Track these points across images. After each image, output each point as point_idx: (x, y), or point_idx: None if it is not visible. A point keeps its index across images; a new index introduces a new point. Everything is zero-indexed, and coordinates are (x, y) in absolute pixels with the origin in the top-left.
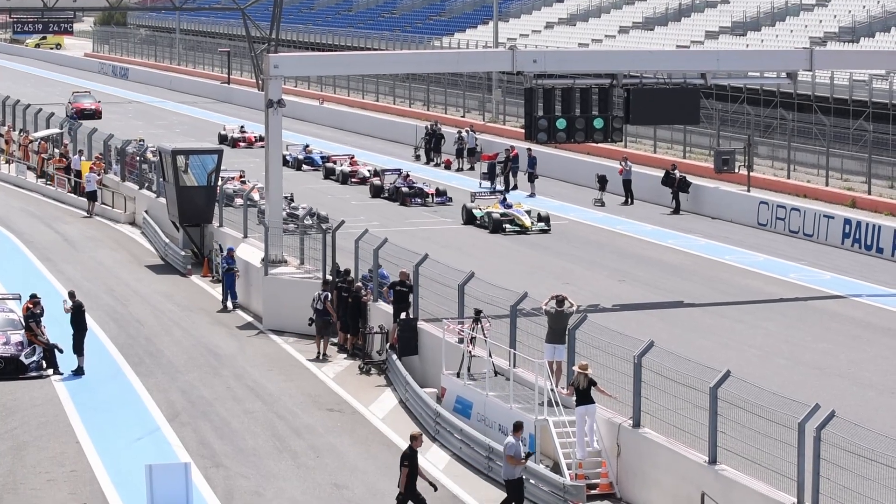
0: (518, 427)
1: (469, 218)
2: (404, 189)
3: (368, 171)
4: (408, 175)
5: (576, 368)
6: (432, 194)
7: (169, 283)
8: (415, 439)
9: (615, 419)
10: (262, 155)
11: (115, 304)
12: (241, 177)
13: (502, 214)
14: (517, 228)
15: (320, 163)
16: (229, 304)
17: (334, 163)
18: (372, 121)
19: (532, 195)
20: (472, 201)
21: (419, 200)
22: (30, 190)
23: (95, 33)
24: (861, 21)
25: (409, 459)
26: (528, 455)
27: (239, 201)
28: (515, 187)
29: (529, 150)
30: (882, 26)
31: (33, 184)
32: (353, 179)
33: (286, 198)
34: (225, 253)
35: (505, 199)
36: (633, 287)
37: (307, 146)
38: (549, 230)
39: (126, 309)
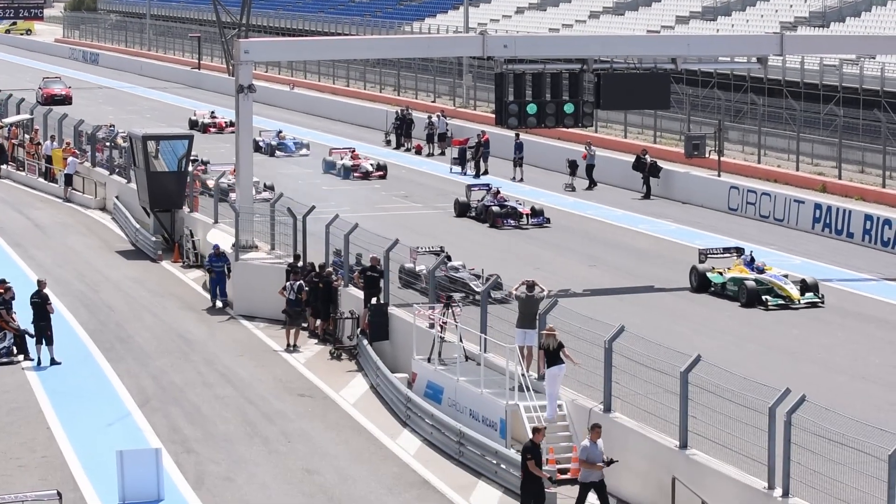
0: (594, 428)
1: (701, 283)
2: (495, 208)
3: (371, 164)
4: (498, 192)
5: (544, 332)
6: (527, 214)
7: (140, 268)
8: (537, 432)
9: (586, 404)
10: (232, 140)
11: (86, 290)
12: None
13: (757, 282)
14: (780, 301)
15: (293, 149)
16: (218, 303)
17: (335, 156)
18: (343, 106)
19: (521, 180)
20: (703, 260)
21: (512, 222)
22: (0, 177)
23: (66, 19)
24: (831, 6)
25: (531, 452)
26: (609, 461)
27: (234, 195)
28: (486, 172)
29: (517, 135)
30: (852, 11)
31: (4, 169)
32: (355, 174)
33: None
34: (212, 251)
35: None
36: (603, 272)
37: (280, 132)
38: (822, 304)
39: (97, 294)
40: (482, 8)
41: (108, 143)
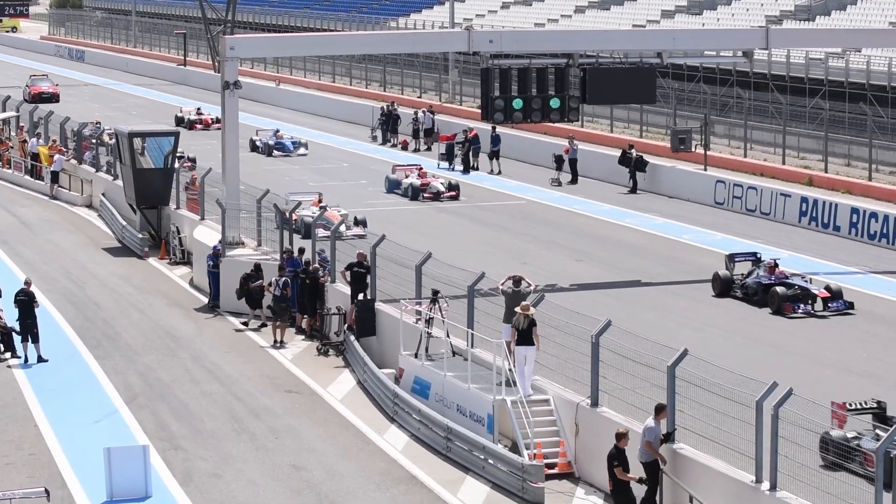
0: (660, 409)
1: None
2: (780, 289)
3: (442, 184)
4: (776, 264)
5: (518, 309)
6: (824, 298)
7: (126, 265)
8: (622, 438)
9: (573, 398)
10: (219, 137)
11: (73, 287)
12: (319, 201)
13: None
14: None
15: (291, 148)
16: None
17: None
18: (328, 102)
19: (498, 173)
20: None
21: (805, 307)
22: None
23: (51, 16)
24: (817, 0)
25: (617, 459)
26: (665, 436)
27: (322, 232)
28: (476, 168)
29: (494, 128)
30: (837, 4)
31: None
32: (424, 195)
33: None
34: (211, 251)
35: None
36: (590, 266)
37: (277, 131)
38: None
39: (83, 292)
40: (468, 3)
41: (94, 141)
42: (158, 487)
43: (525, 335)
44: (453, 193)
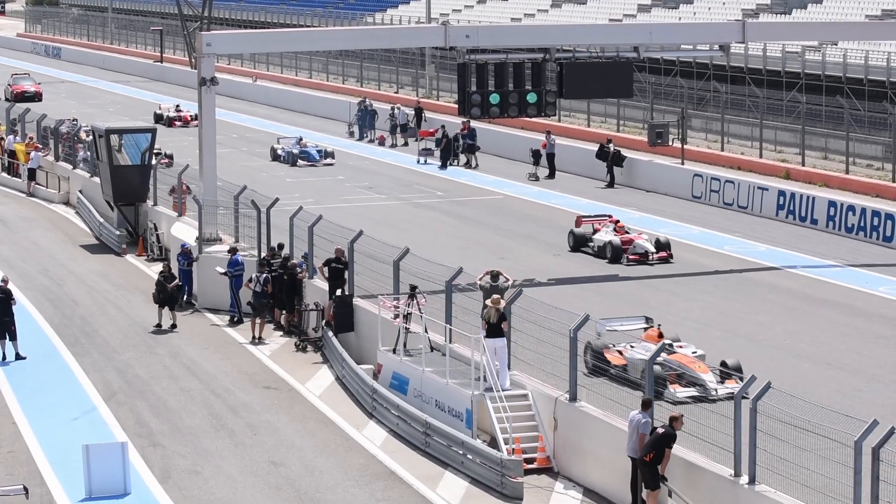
0: (647, 405)
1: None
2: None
3: (646, 239)
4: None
5: (489, 302)
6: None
7: (104, 262)
8: (676, 420)
9: (552, 393)
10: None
11: (50, 285)
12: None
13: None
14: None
15: (318, 158)
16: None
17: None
18: (306, 98)
19: (476, 166)
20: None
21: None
22: None
23: (27, 13)
24: None
25: (673, 440)
26: (653, 430)
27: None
28: (477, 166)
29: (468, 121)
30: None
31: None
32: (629, 257)
33: None
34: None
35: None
36: (568, 261)
37: (301, 139)
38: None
39: (61, 289)
40: None
41: (72, 138)
42: (137, 484)
43: (495, 328)
44: (664, 255)
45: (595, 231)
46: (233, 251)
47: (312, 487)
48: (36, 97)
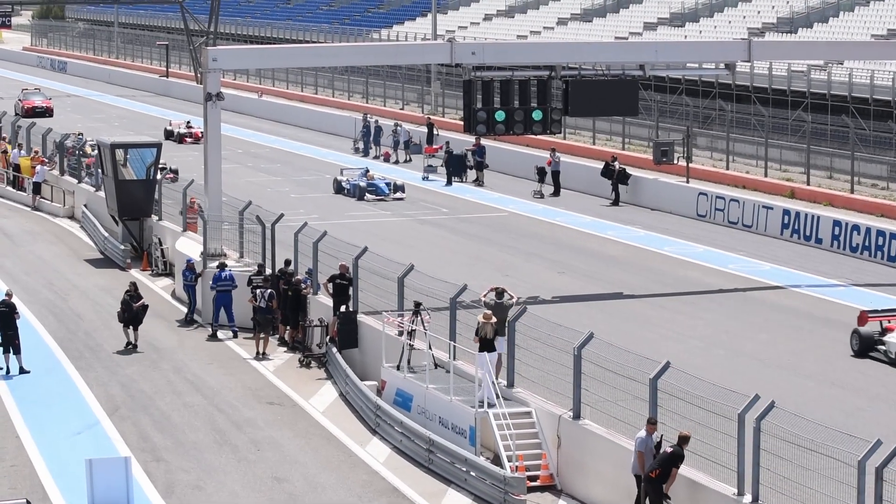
0: (651, 423)
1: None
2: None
3: None
4: (367, 170)
5: (481, 318)
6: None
7: (108, 276)
8: (685, 440)
9: (555, 411)
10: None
11: (55, 299)
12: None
13: None
14: None
15: (386, 191)
16: (224, 332)
17: None
18: (311, 114)
19: (480, 184)
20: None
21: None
22: None
23: (33, 27)
24: (799, 12)
25: (681, 460)
26: (657, 444)
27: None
28: (482, 184)
29: (479, 138)
30: (820, 17)
31: None
32: None
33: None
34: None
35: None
36: (572, 278)
37: (367, 171)
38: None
39: (65, 303)
40: (450, 15)
41: (77, 152)
42: (140, 499)
43: (489, 343)
44: None
45: (885, 331)
46: (221, 266)
47: (315, 503)
48: (47, 112)
